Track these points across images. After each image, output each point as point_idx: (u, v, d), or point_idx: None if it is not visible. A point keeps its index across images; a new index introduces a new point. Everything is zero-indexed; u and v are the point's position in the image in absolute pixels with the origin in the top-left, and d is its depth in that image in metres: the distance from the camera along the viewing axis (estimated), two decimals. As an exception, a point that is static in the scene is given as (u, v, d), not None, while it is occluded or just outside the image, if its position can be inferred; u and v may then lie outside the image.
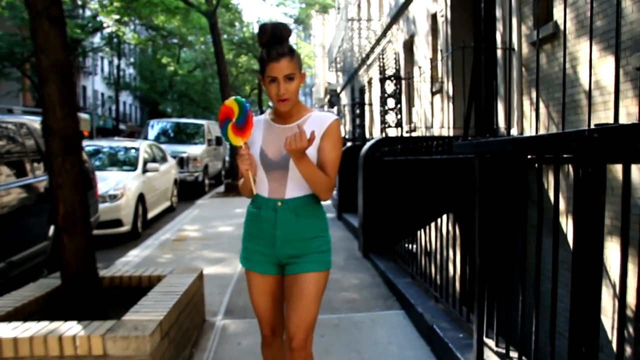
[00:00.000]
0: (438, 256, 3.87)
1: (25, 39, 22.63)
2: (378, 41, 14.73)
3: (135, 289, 3.69)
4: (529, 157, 2.21)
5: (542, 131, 5.61)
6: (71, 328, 2.57)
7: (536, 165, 2.02)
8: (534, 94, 5.76)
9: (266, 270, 2.18)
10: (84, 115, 36.15)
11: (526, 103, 5.97)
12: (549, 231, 1.92)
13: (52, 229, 5.10)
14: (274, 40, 2.02)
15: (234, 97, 2.15)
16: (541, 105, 5.61)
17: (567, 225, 4.69)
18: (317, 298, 2.10)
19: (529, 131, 5.85)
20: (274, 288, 2.21)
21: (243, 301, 4.45)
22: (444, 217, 4.43)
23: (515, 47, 6.16)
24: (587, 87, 4.69)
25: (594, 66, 4.64)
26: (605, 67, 4.47)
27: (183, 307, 3.28)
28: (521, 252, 2.33)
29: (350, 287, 4.78)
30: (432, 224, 4.36)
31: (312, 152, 2.06)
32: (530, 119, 5.80)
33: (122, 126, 38.64)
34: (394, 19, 12.56)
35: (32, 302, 3.17)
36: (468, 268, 3.07)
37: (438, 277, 3.76)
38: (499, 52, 6.59)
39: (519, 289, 2.36)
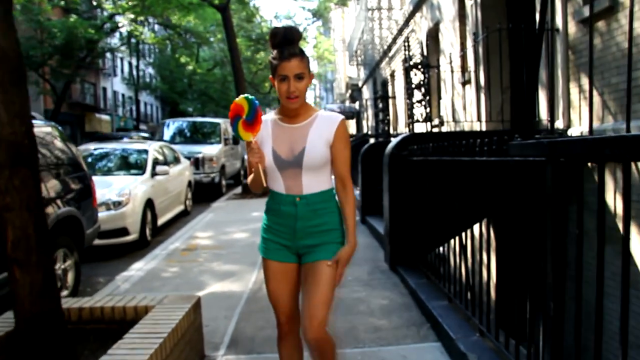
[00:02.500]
0: (480, 277, 3.17)
1: (42, 42, 22.44)
2: (400, 31, 13.97)
3: (119, 322, 3.11)
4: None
5: (595, 124, 4.85)
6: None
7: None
8: (583, 81, 4.99)
9: (285, 259, 2.31)
10: (104, 117, 36.17)
11: (574, 91, 5.20)
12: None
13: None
14: (285, 41, 2.12)
15: (243, 95, 2.23)
16: (594, 93, 4.85)
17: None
18: (332, 283, 2.23)
19: (578, 124, 5.08)
20: (292, 276, 2.34)
21: (251, 328, 3.83)
22: (485, 228, 3.74)
23: (560, 27, 5.39)
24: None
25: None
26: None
27: (170, 349, 2.67)
28: (622, 284, 1.65)
29: (377, 310, 4.11)
30: (472, 238, 3.67)
31: (324, 150, 2.20)
32: (579, 110, 5.03)
33: (143, 126, 38.46)
34: (417, 7, 11.78)
35: (-14, 347, 2.60)
36: (529, 303, 2.37)
37: (480, 300, 3.07)
38: (540, 35, 5.81)
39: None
